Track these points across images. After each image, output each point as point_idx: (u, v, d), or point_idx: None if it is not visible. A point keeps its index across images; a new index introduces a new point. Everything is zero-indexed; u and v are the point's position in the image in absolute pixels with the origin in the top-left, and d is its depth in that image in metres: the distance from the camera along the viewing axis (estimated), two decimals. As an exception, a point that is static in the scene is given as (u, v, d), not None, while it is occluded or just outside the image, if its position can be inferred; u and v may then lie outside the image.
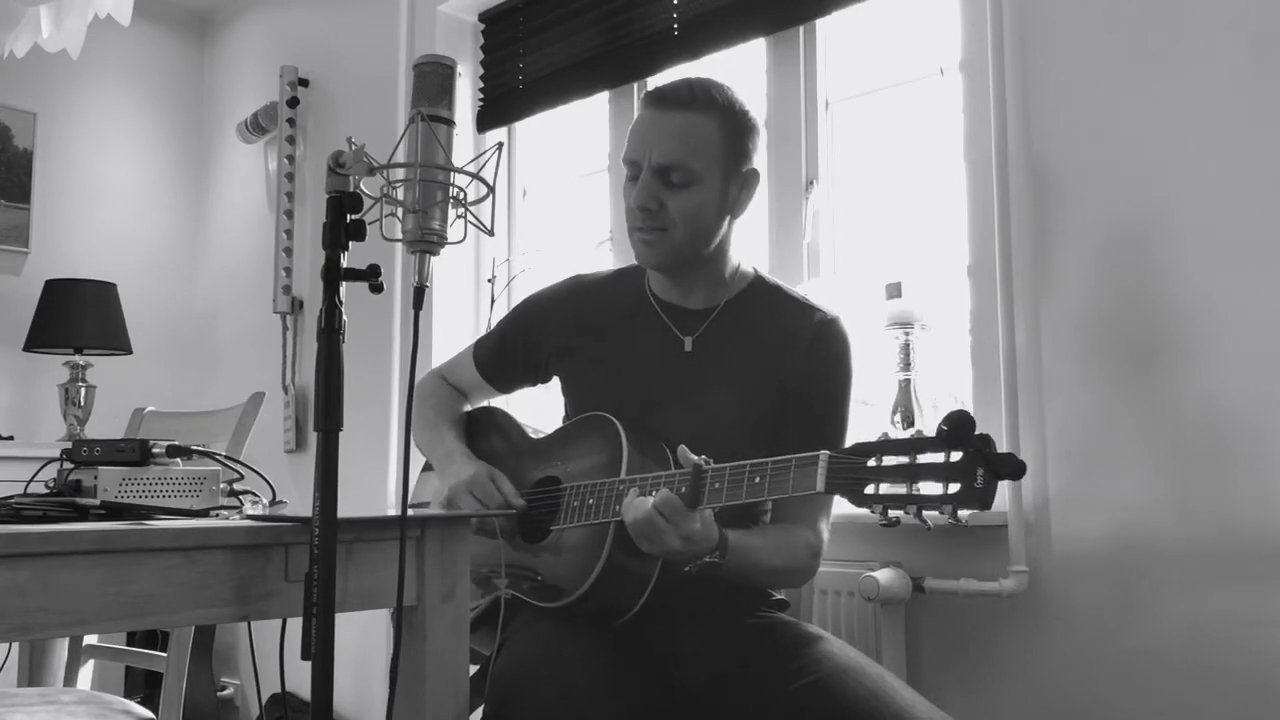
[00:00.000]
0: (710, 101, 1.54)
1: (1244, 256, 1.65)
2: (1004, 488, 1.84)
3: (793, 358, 1.58)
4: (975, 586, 1.84)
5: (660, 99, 1.56)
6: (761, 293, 1.66)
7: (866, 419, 2.10)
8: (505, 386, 1.84)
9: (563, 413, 1.74)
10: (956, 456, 1.14)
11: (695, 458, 1.36)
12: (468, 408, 1.87)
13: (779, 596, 1.63)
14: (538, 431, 1.76)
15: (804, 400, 1.57)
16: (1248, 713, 1.60)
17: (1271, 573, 1.59)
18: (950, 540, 1.92)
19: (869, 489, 1.20)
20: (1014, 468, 1.13)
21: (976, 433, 1.14)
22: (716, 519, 1.39)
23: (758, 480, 1.31)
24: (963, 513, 1.15)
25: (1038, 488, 1.84)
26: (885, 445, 1.21)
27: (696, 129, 1.53)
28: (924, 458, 1.17)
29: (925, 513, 1.18)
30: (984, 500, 1.12)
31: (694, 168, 1.53)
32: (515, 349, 1.78)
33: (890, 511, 1.18)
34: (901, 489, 1.17)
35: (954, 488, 1.14)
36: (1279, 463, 1.59)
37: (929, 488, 1.16)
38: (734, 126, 1.56)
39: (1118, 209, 1.79)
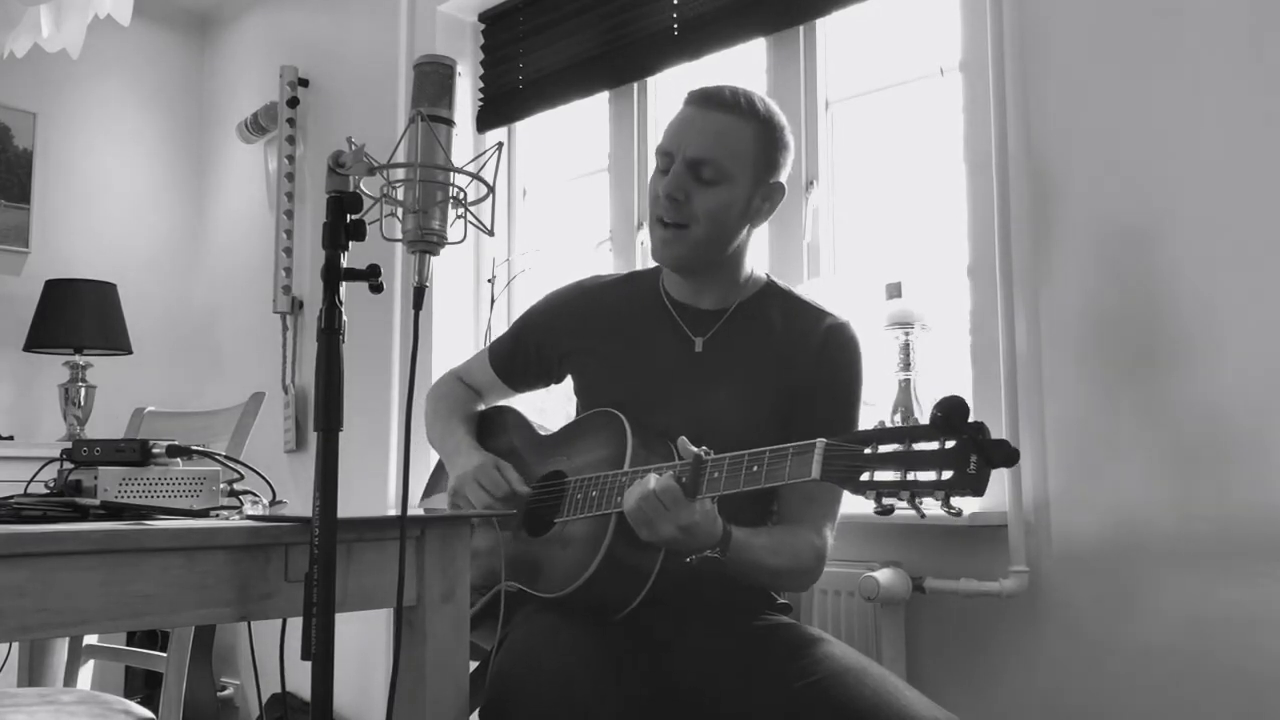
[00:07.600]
0: (752, 109, 1.58)
1: (1243, 256, 1.65)
2: (1005, 487, 1.84)
3: (802, 361, 1.59)
4: (975, 586, 1.84)
5: (704, 99, 1.59)
6: (773, 297, 1.67)
7: (868, 419, 2.09)
8: (519, 386, 1.86)
9: (574, 412, 1.74)
10: (950, 443, 1.14)
11: (695, 449, 1.37)
12: (481, 407, 1.89)
13: (782, 600, 1.64)
14: (549, 429, 1.77)
15: (812, 403, 1.57)
16: (1248, 711, 1.60)
17: (1271, 571, 1.59)
18: (950, 540, 1.92)
19: (864, 476, 1.20)
20: (1006, 454, 1.12)
21: (970, 420, 1.13)
22: (722, 515, 1.39)
23: (755, 469, 1.32)
24: (957, 502, 1.15)
25: (1038, 488, 1.84)
26: (881, 433, 1.21)
27: (734, 131, 1.57)
28: (918, 445, 1.17)
29: (924, 505, 1.18)
30: (977, 487, 1.12)
31: (726, 167, 1.56)
32: (528, 349, 1.80)
33: (885, 499, 1.18)
34: (896, 476, 1.17)
35: (947, 474, 1.13)
36: (1278, 462, 1.60)
37: (925, 476, 1.15)
38: (770, 138, 1.60)
39: (1117, 208, 1.79)
